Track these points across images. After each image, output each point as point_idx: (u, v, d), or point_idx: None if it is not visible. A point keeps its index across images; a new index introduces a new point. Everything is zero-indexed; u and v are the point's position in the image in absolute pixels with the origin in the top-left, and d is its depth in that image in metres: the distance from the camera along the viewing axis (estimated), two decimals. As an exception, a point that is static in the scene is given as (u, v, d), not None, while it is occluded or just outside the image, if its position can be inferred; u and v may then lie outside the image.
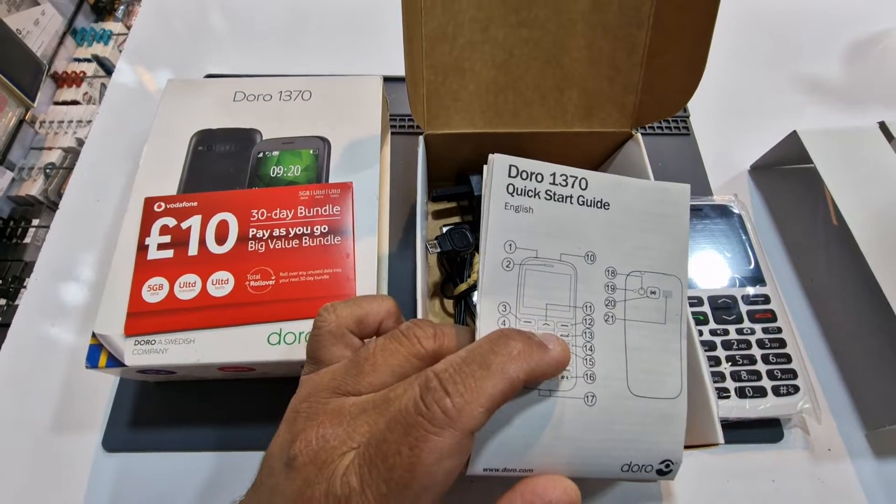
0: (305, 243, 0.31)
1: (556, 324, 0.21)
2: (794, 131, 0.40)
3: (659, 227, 0.22)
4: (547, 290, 0.21)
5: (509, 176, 0.21)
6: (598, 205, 0.22)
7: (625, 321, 0.22)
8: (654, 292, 0.22)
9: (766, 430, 0.33)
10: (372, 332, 0.22)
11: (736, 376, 0.33)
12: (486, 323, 0.20)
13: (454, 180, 0.40)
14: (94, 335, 0.28)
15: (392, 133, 0.44)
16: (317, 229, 0.31)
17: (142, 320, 0.28)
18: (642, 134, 0.35)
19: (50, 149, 1.10)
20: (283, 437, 0.19)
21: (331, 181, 0.33)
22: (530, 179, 0.21)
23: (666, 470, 0.21)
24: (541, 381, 0.19)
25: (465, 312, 0.35)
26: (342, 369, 0.20)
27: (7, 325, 0.36)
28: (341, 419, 0.18)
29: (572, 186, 0.22)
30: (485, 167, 0.21)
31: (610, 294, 0.22)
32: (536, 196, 0.21)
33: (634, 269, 0.22)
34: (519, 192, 0.21)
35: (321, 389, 0.19)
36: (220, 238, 0.31)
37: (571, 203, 0.21)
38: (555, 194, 0.21)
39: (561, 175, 0.21)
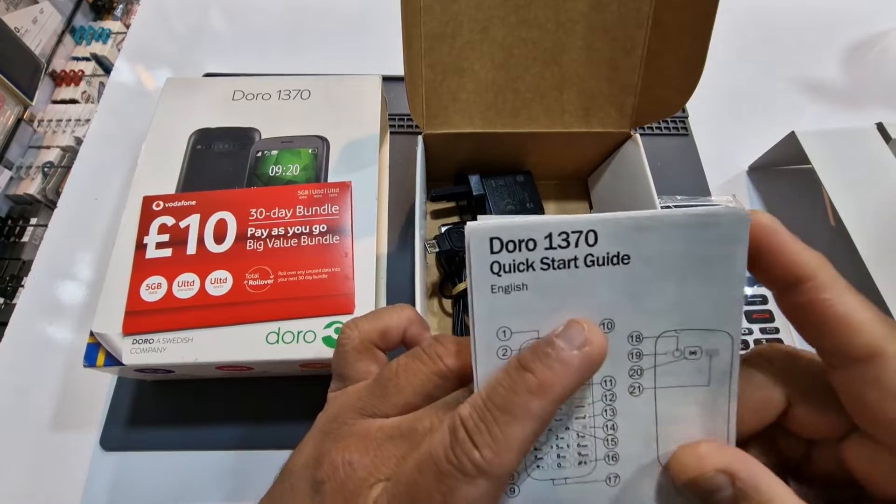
0: (304, 242, 0.31)
1: (569, 406, 0.18)
2: (793, 132, 0.40)
3: (701, 273, 0.17)
4: None
5: (492, 252, 0.16)
6: (614, 261, 0.17)
7: (655, 389, 0.18)
8: (693, 352, 0.18)
9: (764, 430, 0.33)
10: (397, 343, 0.22)
11: (734, 376, 0.33)
12: None
13: (453, 180, 0.40)
14: (92, 334, 0.28)
15: (391, 132, 0.44)
16: (315, 228, 0.31)
17: (140, 319, 0.28)
18: (641, 134, 0.35)
19: (48, 147, 1.10)
20: (307, 454, 0.19)
21: (329, 180, 0.33)
22: (519, 249, 0.16)
23: None
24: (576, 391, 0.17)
25: (463, 312, 0.35)
26: (367, 389, 0.20)
27: (5, 324, 0.36)
28: (367, 446, 0.18)
29: (576, 245, 0.16)
30: (465, 232, 0.17)
31: (635, 362, 0.18)
32: (530, 268, 0.17)
33: (666, 329, 0.17)
34: (507, 269, 0.17)
35: (348, 410, 0.19)
36: (219, 237, 0.31)
37: (577, 266, 0.17)
38: (554, 261, 0.16)
39: (560, 234, 0.16)
